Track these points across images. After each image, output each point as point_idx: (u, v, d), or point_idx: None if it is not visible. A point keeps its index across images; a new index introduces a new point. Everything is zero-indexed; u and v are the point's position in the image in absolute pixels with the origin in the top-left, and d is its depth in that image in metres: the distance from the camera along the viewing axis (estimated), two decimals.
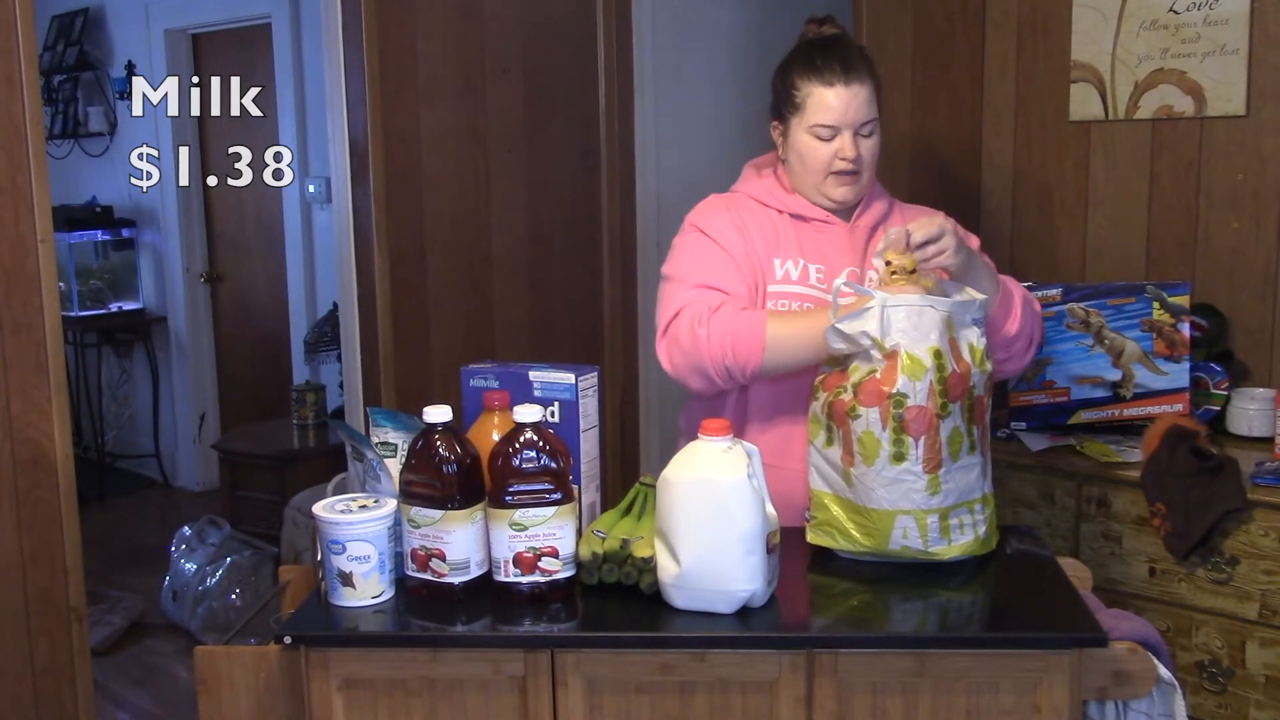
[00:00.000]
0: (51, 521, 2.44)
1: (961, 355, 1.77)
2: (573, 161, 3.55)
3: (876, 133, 1.99)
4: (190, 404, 5.73)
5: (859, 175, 1.99)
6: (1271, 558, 2.40)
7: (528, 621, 1.62)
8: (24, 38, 2.33)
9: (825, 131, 1.96)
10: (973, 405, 1.78)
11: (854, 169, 1.98)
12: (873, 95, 1.98)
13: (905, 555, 1.78)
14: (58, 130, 5.84)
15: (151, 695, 3.64)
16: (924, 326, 1.74)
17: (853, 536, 1.79)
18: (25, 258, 2.37)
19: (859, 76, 1.96)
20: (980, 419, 1.81)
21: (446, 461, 1.62)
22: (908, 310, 1.75)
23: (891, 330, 1.74)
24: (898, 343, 1.73)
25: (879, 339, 1.74)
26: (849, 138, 1.96)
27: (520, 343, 3.42)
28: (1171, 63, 2.91)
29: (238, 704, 1.67)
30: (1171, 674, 1.67)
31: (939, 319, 1.75)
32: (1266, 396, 2.71)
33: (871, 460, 1.75)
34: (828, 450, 1.82)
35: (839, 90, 1.94)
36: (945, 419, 1.74)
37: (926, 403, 1.72)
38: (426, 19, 3.13)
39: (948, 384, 1.73)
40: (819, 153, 1.97)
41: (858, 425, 1.75)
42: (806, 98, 1.97)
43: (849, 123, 1.95)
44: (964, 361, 1.76)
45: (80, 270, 5.68)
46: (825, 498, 1.83)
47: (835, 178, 1.99)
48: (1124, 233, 3.05)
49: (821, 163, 1.98)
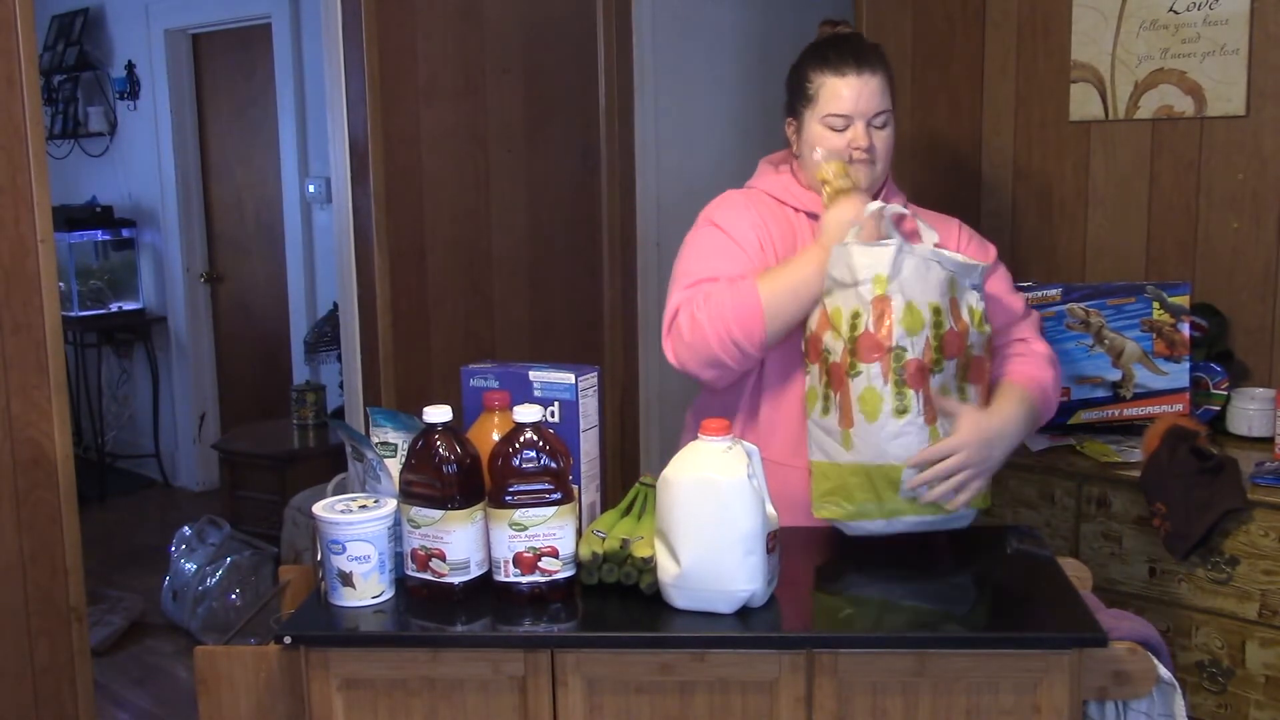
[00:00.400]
0: (51, 521, 2.44)
1: (961, 315, 1.80)
2: (573, 161, 3.55)
3: (890, 125, 1.99)
4: (190, 404, 5.73)
5: (874, 165, 1.99)
6: (1271, 558, 2.40)
7: (528, 621, 1.62)
8: (24, 38, 2.33)
9: (838, 121, 1.95)
10: (968, 364, 1.82)
11: (868, 158, 1.97)
12: (886, 87, 1.97)
13: (912, 513, 1.80)
14: (58, 130, 5.84)
15: (151, 695, 3.64)
16: (930, 280, 1.77)
17: (856, 498, 1.81)
18: (25, 258, 2.37)
19: (871, 67, 1.96)
20: (979, 378, 1.84)
21: (446, 461, 1.62)
22: (917, 262, 1.77)
23: (900, 275, 1.76)
24: (899, 290, 1.75)
25: (883, 276, 1.76)
26: (862, 127, 1.95)
27: (520, 343, 3.42)
28: (1171, 63, 2.92)
29: (238, 704, 1.67)
30: (1171, 674, 1.67)
31: (943, 277, 1.78)
32: (1266, 396, 2.71)
33: (874, 416, 1.77)
34: (825, 419, 1.83)
35: (850, 80, 1.94)
36: (936, 374, 1.77)
37: (921, 356, 1.76)
38: (426, 19, 3.13)
39: (944, 340, 1.77)
40: (832, 143, 1.97)
41: (858, 383, 1.77)
42: (819, 89, 1.97)
43: (861, 112, 1.95)
44: (963, 321, 1.79)
45: (80, 270, 5.68)
46: (825, 467, 1.84)
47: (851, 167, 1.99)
48: (1124, 233, 3.05)
49: (835, 154, 1.97)
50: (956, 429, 1.79)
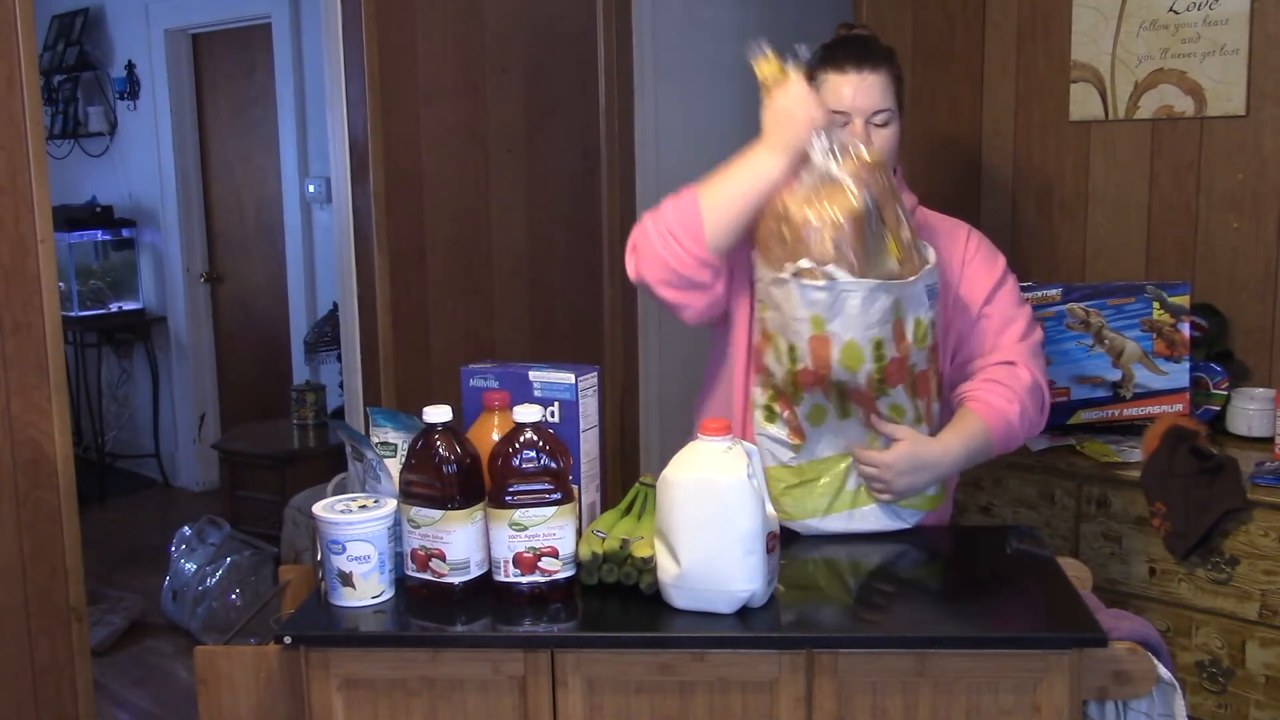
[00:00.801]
0: (51, 521, 2.44)
1: (905, 337, 1.78)
2: (573, 161, 3.55)
3: (893, 124, 1.98)
4: (190, 404, 5.73)
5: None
6: (1271, 558, 2.40)
7: (528, 621, 1.62)
8: (24, 38, 2.33)
9: (837, 118, 1.95)
10: (914, 381, 1.82)
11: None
12: (889, 86, 1.97)
13: (862, 505, 1.85)
14: (58, 130, 5.84)
15: (151, 695, 3.64)
16: (873, 312, 1.74)
17: (804, 504, 1.86)
18: (25, 258, 2.37)
19: (874, 65, 1.96)
20: (924, 393, 1.85)
21: (446, 461, 1.62)
22: (861, 296, 1.73)
23: (840, 315, 1.74)
24: (839, 330, 1.74)
25: (820, 318, 1.74)
26: (860, 124, 1.95)
27: (520, 343, 3.42)
28: (1171, 63, 2.92)
29: (238, 704, 1.67)
30: (1171, 674, 1.67)
31: (888, 304, 1.75)
32: (1266, 396, 2.71)
33: (820, 421, 1.83)
34: (772, 429, 1.86)
35: (851, 76, 1.94)
36: (881, 398, 1.80)
37: (864, 386, 1.78)
38: (426, 19, 3.13)
39: (886, 371, 1.77)
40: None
41: (803, 406, 1.82)
42: (822, 85, 1.97)
43: (860, 109, 1.94)
44: (905, 344, 1.78)
45: (80, 270, 5.68)
46: (776, 471, 1.87)
47: None
48: (1124, 233, 3.05)
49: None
50: (893, 448, 1.83)
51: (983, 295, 2.02)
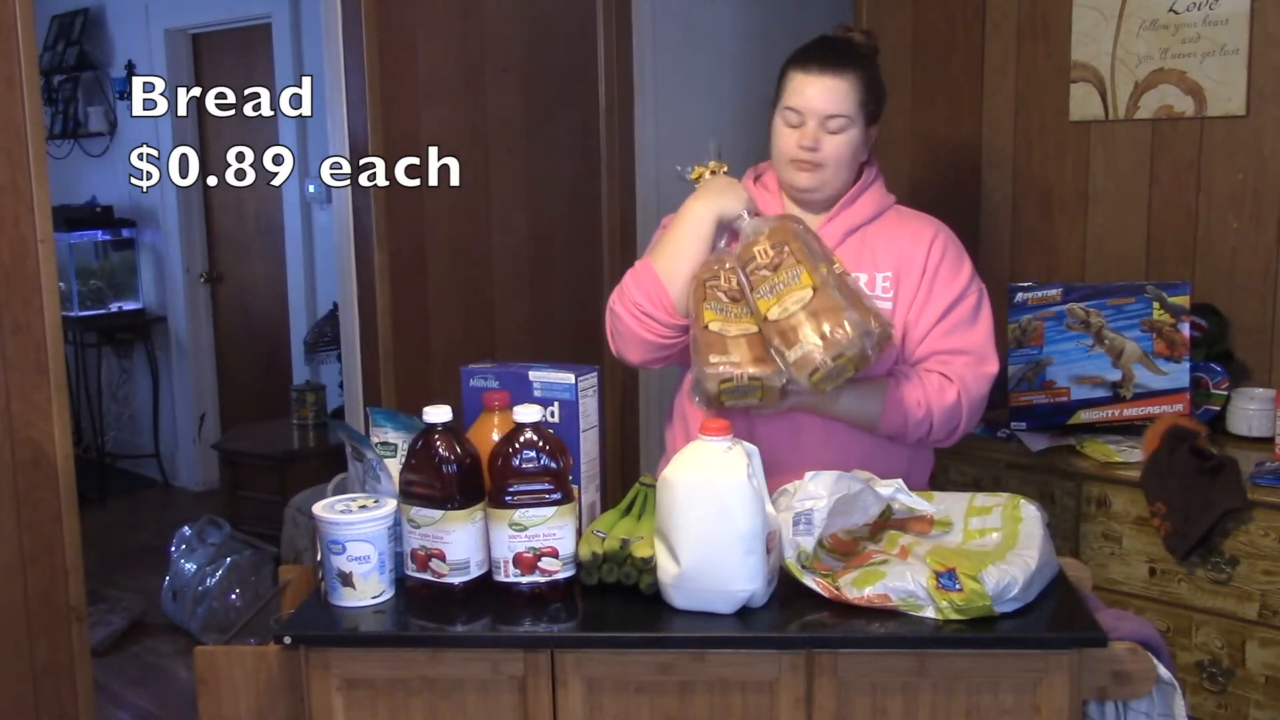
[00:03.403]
0: (51, 521, 2.45)
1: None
2: (573, 161, 3.55)
3: (850, 131, 1.94)
4: (190, 404, 5.73)
5: (821, 168, 1.96)
6: (1271, 558, 2.40)
7: (527, 621, 1.62)
8: (24, 38, 2.33)
9: (793, 116, 1.95)
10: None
11: (808, 159, 1.95)
12: (852, 93, 1.93)
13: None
14: (58, 130, 5.84)
15: (151, 695, 3.64)
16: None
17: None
18: (25, 258, 2.37)
19: (839, 69, 1.93)
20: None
21: (446, 461, 1.62)
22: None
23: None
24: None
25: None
26: (813, 127, 1.93)
27: (520, 343, 3.42)
28: (1171, 63, 2.91)
29: (238, 704, 1.67)
30: (1171, 674, 1.67)
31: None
32: (1266, 396, 2.71)
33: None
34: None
35: (812, 78, 1.93)
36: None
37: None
38: (426, 19, 3.13)
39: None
40: (784, 138, 1.97)
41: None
42: (787, 83, 1.97)
43: (814, 111, 1.93)
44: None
45: (80, 270, 5.68)
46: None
47: (795, 164, 1.97)
48: (1124, 233, 3.05)
49: (785, 147, 1.97)
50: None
51: (938, 313, 1.96)
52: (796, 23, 4.04)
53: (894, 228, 2.01)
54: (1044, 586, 1.65)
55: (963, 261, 2.00)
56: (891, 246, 1.99)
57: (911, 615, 1.58)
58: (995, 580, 1.56)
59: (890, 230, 2.01)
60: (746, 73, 3.97)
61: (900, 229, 2.01)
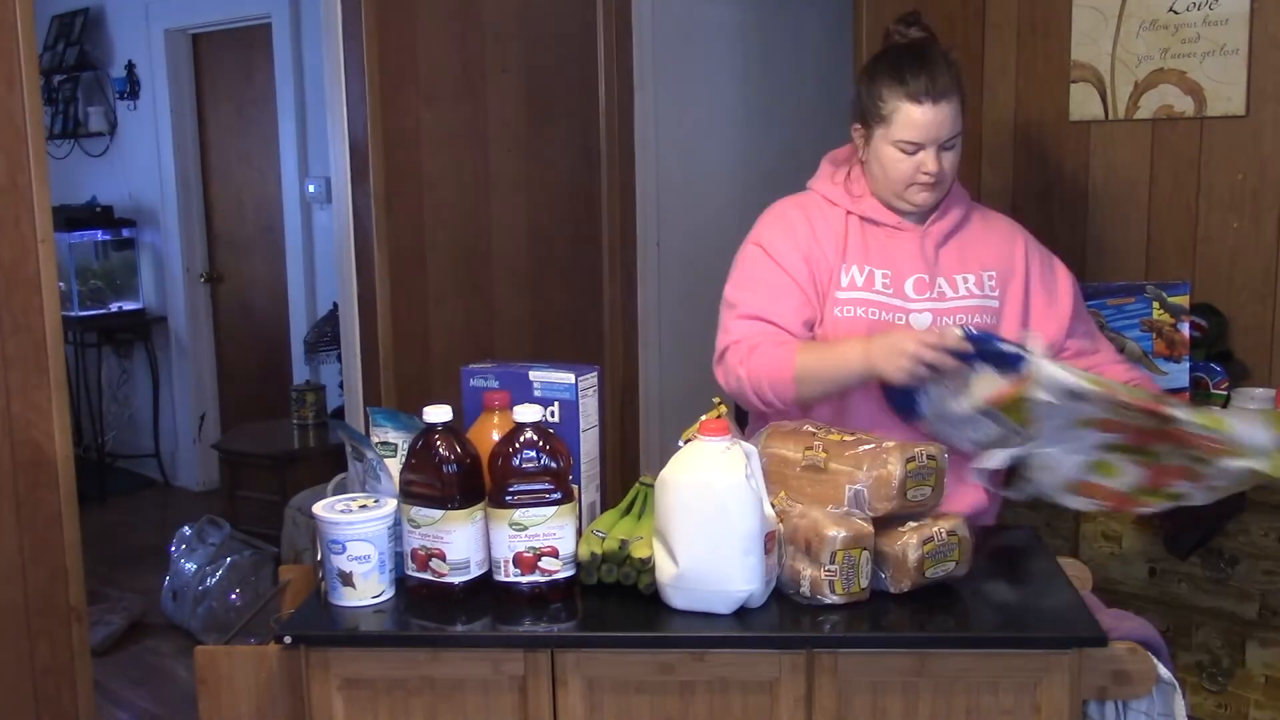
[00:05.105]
0: (51, 521, 2.44)
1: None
2: (573, 161, 3.55)
3: (959, 143, 1.99)
4: (190, 404, 5.72)
5: (941, 183, 2.00)
6: (1271, 558, 2.40)
7: (528, 621, 1.62)
8: (24, 38, 2.33)
9: (910, 147, 1.96)
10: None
11: (933, 182, 1.98)
12: (959, 109, 1.96)
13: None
14: (58, 130, 5.84)
15: (151, 695, 3.64)
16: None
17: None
18: (25, 258, 2.37)
19: (946, 93, 1.94)
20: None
21: (446, 461, 1.62)
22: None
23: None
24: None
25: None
26: (933, 153, 1.95)
27: (520, 343, 3.42)
28: (1171, 63, 2.91)
29: (238, 704, 1.67)
30: (1171, 674, 1.67)
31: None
32: (1266, 396, 2.71)
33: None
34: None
35: (926, 109, 1.93)
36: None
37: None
38: (426, 19, 3.13)
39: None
40: (901, 166, 1.97)
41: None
42: (893, 112, 1.95)
43: (933, 139, 1.95)
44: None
45: (80, 270, 5.68)
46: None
47: (917, 186, 1.99)
48: (1124, 233, 3.05)
49: (904, 175, 1.98)
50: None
51: (1068, 307, 2.09)
52: (796, 22, 4.05)
53: (984, 228, 2.09)
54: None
55: (1046, 253, 2.13)
56: (988, 248, 2.06)
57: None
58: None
59: (983, 230, 2.08)
60: (746, 72, 3.97)
61: (990, 230, 2.09)
